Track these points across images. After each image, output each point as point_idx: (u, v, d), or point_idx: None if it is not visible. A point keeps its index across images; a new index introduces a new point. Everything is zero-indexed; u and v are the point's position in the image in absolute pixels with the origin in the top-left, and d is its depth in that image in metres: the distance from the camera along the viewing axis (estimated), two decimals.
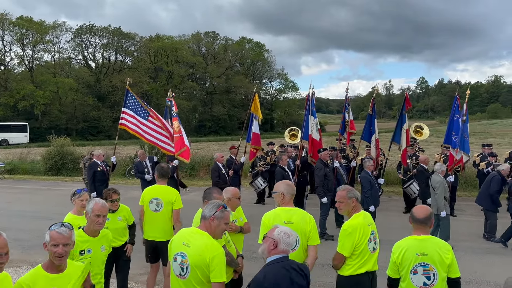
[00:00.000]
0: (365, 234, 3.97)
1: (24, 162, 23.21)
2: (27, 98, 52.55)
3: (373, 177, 8.96)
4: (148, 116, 10.17)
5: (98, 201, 4.03)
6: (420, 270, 3.53)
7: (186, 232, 3.47)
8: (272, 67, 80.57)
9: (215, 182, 10.21)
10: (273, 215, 4.09)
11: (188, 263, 3.27)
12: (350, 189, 4.14)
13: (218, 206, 3.43)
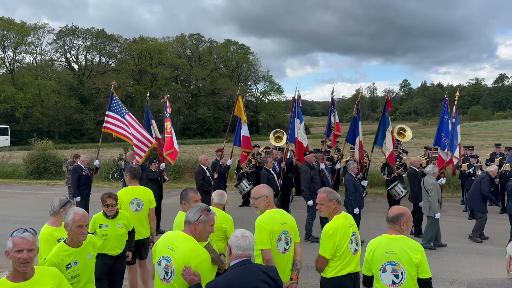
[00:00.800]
0: (346, 235, 3.99)
1: (5, 165, 22.78)
2: (8, 101, 51.67)
3: (357, 179, 9.01)
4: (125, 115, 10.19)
5: (77, 210, 3.79)
6: (389, 268, 3.56)
7: (171, 235, 3.40)
8: (257, 70, 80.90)
9: (199, 185, 10.14)
10: (269, 218, 4.03)
11: (173, 267, 3.21)
12: (330, 191, 4.17)
13: (202, 209, 3.37)
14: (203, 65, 73.13)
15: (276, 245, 3.98)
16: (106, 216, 5.16)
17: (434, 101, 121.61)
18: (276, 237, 3.98)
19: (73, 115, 57.08)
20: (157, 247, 3.39)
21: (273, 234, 3.96)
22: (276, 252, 3.97)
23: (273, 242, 3.96)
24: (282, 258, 3.99)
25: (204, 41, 78.25)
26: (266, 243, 3.91)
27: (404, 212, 3.69)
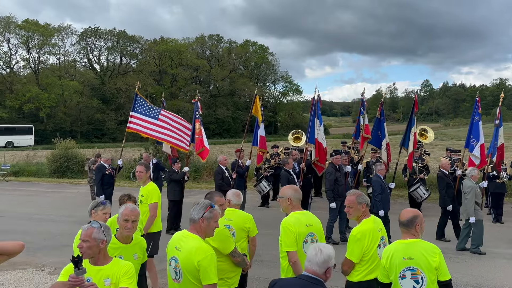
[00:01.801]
0: (375, 239, 3.95)
1: (30, 164, 23.32)
2: (33, 101, 52.81)
3: (384, 181, 8.92)
4: (158, 115, 10.47)
5: (128, 205, 3.96)
6: (408, 274, 3.49)
7: (179, 235, 3.47)
8: (276, 70, 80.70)
9: (218, 185, 10.21)
10: (295, 220, 4.01)
11: (180, 267, 3.30)
12: (360, 194, 4.12)
13: (206, 206, 3.41)
14: (222, 66, 73.43)
15: (303, 247, 3.95)
16: None
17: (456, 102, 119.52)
18: (302, 239, 3.96)
19: (94, 115, 57.95)
20: (168, 248, 3.47)
21: (299, 236, 3.94)
22: (303, 254, 3.92)
23: (299, 244, 3.94)
24: None
25: (223, 42, 78.57)
26: (291, 245, 3.91)
27: (418, 215, 3.63)
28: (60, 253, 8.05)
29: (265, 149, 11.69)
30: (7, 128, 46.21)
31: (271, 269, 7.17)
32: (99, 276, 3.16)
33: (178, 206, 10.04)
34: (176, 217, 9.93)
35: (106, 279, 3.16)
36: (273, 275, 4.83)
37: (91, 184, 14.20)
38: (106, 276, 3.17)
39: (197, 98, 10.95)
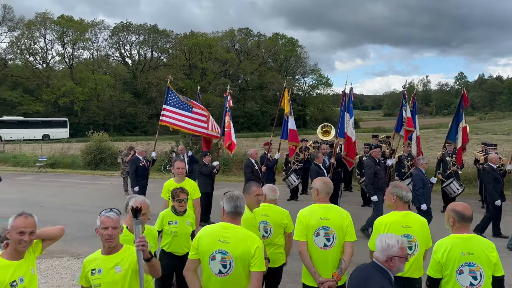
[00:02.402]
0: (393, 233, 3.84)
1: (65, 156, 24.03)
2: (67, 95, 54.40)
3: (426, 175, 8.74)
4: (191, 108, 10.61)
5: (138, 197, 3.98)
6: (466, 270, 3.41)
7: (217, 229, 3.42)
8: (305, 63, 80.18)
9: (248, 178, 10.26)
10: (309, 211, 4.07)
11: (231, 258, 3.27)
12: (396, 185, 4.12)
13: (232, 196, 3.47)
14: (252, 59, 73.47)
15: (313, 240, 3.96)
16: (176, 213, 5.00)
17: (493, 95, 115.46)
18: (313, 232, 3.96)
19: (127, 109, 59.13)
20: (203, 243, 3.36)
21: (309, 228, 3.96)
22: (314, 246, 3.95)
23: (309, 236, 3.96)
24: (321, 253, 3.94)
25: (252, 35, 78.55)
26: (299, 235, 4.00)
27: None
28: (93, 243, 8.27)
29: (297, 142, 11.67)
30: (44, 122, 47.84)
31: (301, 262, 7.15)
32: (110, 264, 3.22)
33: (209, 198, 10.16)
34: (206, 209, 10.05)
35: (117, 266, 3.21)
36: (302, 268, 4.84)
37: (123, 176, 14.54)
38: (116, 263, 3.22)
39: (228, 92, 11.01)
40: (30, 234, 3.08)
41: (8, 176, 19.23)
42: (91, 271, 3.21)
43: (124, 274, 3.18)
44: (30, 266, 3.19)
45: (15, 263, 3.10)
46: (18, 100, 52.64)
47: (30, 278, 3.16)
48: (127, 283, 3.18)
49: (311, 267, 3.91)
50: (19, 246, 3.08)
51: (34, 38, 59.03)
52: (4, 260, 3.09)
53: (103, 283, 3.16)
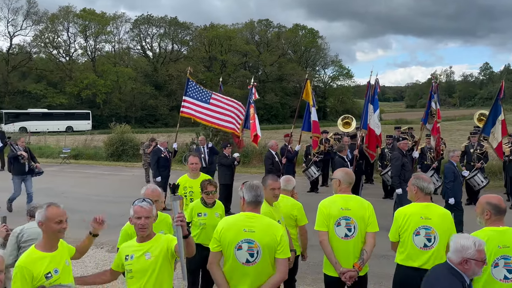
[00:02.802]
0: (412, 224, 3.89)
1: (88, 148, 24.46)
2: (90, 87, 55.24)
3: (457, 168, 8.56)
4: (209, 99, 10.63)
5: (149, 186, 4.10)
6: (502, 263, 3.36)
7: (240, 219, 3.44)
8: (326, 54, 79.40)
9: (268, 169, 10.28)
10: (330, 201, 4.09)
11: (258, 247, 3.30)
12: (418, 177, 4.09)
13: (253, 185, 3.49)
14: (271, 51, 73.15)
15: (334, 230, 3.97)
16: (205, 205, 5.02)
17: None
18: (334, 222, 3.97)
19: (148, 101, 59.70)
20: (227, 234, 3.37)
21: (330, 218, 3.97)
22: (335, 236, 3.97)
23: (330, 226, 3.98)
24: (343, 244, 3.95)
25: (272, 27, 78.13)
26: (320, 225, 4.03)
27: None
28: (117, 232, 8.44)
29: (319, 133, 11.61)
30: (67, 114, 48.78)
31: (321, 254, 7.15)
32: (141, 251, 3.29)
33: (229, 189, 10.23)
34: (227, 200, 10.13)
35: (147, 253, 3.28)
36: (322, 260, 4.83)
37: (145, 167, 14.74)
38: (146, 250, 3.29)
39: (252, 83, 11.00)
40: (66, 222, 3.24)
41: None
42: (125, 256, 3.33)
43: (154, 261, 3.24)
44: (64, 258, 3.29)
45: (49, 254, 3.17)
46: (42, 93, 53.73)
47: (65, 270, 3.25)
48: (157, 270, 3.24)
49: (332, 257, 3.93)
50: (59, 235, 3.22)
51: (57, 31, 60.06)
52: (38, 252, 3.15)
53: (134, 269, 3.26)
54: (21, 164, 10.51)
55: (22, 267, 3.03)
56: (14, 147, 10.75)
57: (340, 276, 3.88)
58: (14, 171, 10.63)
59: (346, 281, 3.86)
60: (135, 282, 3.26)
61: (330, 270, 4.01)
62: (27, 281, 3.00)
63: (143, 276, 3.23)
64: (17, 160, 10.49)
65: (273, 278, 3.34)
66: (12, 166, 10.65)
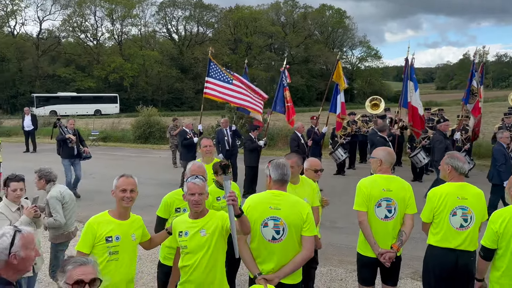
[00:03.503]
0: (448, 205, 3.79)
1: (116, 130, 24.90)
2: (117, 71, 55.98)
3: (507, 149, 8.19)
4: (232, 80, 10.61)
5: (195, 162, 4.24)
6: None
7: (266, 196, 3.48)
8: (354, 35, 77.77)
9: (294, 152, 10.18)
10: (371, 181, 4.00)
11: (284, 224, 3.33)
12: (452, 155, 3.96)
13: (279, 164, 3.50)
14: (297, 32, 72.16)
15: (374, 210, 3.92)
16: (221, 187, 4.81)
17: None
18: (375, 202, 3.91)
19: (174, 84, 60.10)
20: (254, 211, 3.40)
21: (370, 198, 3.91)
22: (375, 217, 3.92)
23: (371, 206, 3.92)
24: (382, 225, 3.91)
25: (298, 7, 76.84)
26: (360, 205, 3.94)
27: None
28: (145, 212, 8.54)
29: (345, 115, 11.46)
30: (95, 97, 49.71)
31: (348, 236, 7.12)
32: (195, 228, 3.37)
33: (255, 171, 10.24)
34: (252, 181, 10.17)
35: (202, 230, 3.36)
36: (350, 241, 4.78)
37: (172, 149, 14.90)
38: (201, 227, 3.37)
39: (284, 66, 10.89)
40: (131, 192, 3.41)
41: None
42: (178, 233, 3.43)
43: (209, 238, 3.34)
44: (131, 232, 3.44)
45: (116, 221, 3.39)
46: (71, 77, 54.80)
47: (128, 242, 3.40)
48: (212, 246, 3.33)
49: (370, 238, 3.88)
50: (122, 203, 3.39)
51: (84, 15, 60.80)
52: (108, 216, 3.42)
53: (189, 245, 3.36)
54: (69, 147, 10.16)
55: (90, 224, 3.33)
56: (63, 130, 10.29)
57: (379, 257, 3.85)
58: (63, 154, 10.30)
59: (385, 262, 3.82)
60: (190, 258, 3.36)
61: (365, 250, 3.99)
62: (90, 238, 3.27)
63: (198, 252, 3.34)
64: (65, 143, 10.13)
65: (300, 255, 3.37)
66: (61, 149, 10.28)
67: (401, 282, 5.58)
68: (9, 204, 4.24)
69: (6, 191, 4.26)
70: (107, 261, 3.29)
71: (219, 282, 3.42)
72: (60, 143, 10.24)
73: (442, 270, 3.80)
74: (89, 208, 9.33)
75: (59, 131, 10.39)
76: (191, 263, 3.35)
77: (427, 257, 3.95)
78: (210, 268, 3.35)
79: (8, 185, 4.22)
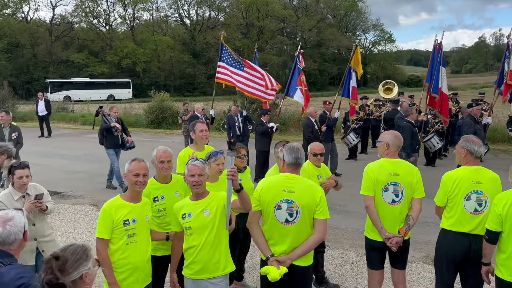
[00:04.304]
0: (463, 189, 3.76)
1: (129, 116, 25.06)
2: (130, 56, 56.09)
3: None
4: (243, 67, 10.57)
5: (161, 147, 4.12)
6: None
7: (280, 179, 3.51)
8: (367, 18, 76.53)
9: (307, 137, 10.16)
10: (378, 166, 3.98)
11: (298, 207, 3.37)
12: (467, 139, 3.91)
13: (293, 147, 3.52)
14: (310, 16, 71.23)
15: (382, 195, 3.91)
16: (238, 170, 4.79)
17: None
18: (382, 187, 3.89)
19: (186, 70, 60.04)
20: (267, 194, 3.44)
21: (377, 183, 3.89)
22: (382, 202, 3.91)
23: (378, 191, 3.91)
24: (389, 209, 3.90)
25: None
26: (367, 189, 3.93)
27: None
28: None
29: (357, 100, 11.38)
30: (108, 83, 50.00)
31: (358, 220, 7.15)
32: (198, 209, 3.46)
33: (266, 156, 10.28)
34: (263, 166, 10.22)
35: (205, 210, 3.45)
36: (361, 225, 4.80)
37: (185, 134, 14.97)
38: (204, 207, 3.47)
39: (298, 50, 10.82)
40: (144, 176, 3.44)
41: (78, 134, 20.50)
42: (181, 215, 3.50)
43: (213, 218, 3.43)
44: (145, 213, 3.51)
45: (130, 204, 3.44)
46: (84, 62, 55.09)
47: (143, 223, 3.47)
48: (216, 225, 3.43)
49: (378, 223, 3.88)
50: (135, 187, 3.43)
51: (97, 0, 60.79)
52: (121, 200, 3.46)
53: (193, 226, 3.45)
54: (114, 136, 9.49)
55: (106, 210, 3.36)
56: (107, 118, 9.62)
57: (386, 241, 3.85)
58: (107, 143, 9.62)
59: (392, 246, 3.83)
60: (195, 238, 3.45)
61: (373, 234, 3.99)
62: (109, 223, 3.32)
63: (203, 232, 3.42)
64: (110, 132, 9.43)
65: (312, 237, 3.42)
66: (105, 138, 9.59)
67: (412, 266, 5.61)
68: (13, 192, 4.14)
69: (12, 179, 4.16)
70: (126, 244, 3.36)
71: (224, 260, 3.51)
72: (103, 132, 9.63)
73: (454, 254, 3.79)
74: (103, 192, 9.51)
75: (102, 120, 9.77)
76: (196, 243, 3.44)
77: (439, 241, 3.94)
78: (215, 247, 3.44)
79: (13, 173, 4.11)
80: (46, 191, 4.39)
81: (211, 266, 3.45)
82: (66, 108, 29.76)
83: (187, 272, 3.52)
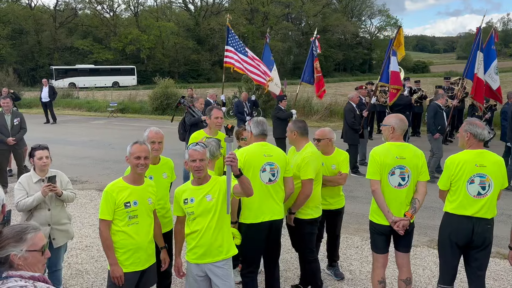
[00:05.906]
0: (466, 172, 3.73)
1: (134, 102, 25.08)
2: (134, 43, 55.85)
3: None
4: (247, 53, 10.55)
5: (152, 128, 4.17)
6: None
7: (258, 147, 4.09)
8: (373, 3, 75.62)
9: (350, 123, 9.57)
10: (383, 150, 3.96)
11: (278, 167, 4.07)
12: (471, 122, 3.87)
13: (259, 121, 4.22)
14: (315, 1, 70.34)
15: (388, 179, 3.90)
16: None
17: None
18: (388, 171, 3.89)
19: (190, 56, 59.73)
20: (251, 160, 3.99)
21: (384, 167, 3.89)
22: (388, 185, 3.91)
23: (384, 174, 3.90)
24: (395, 192, 3.90)
25: None
26: (373, 173, 3.92)
27: None
28: None
29: (400, 85, 10.82)
30: (113, 69, 49.92)
31: (364, 205, 7.19)
32: (201, 194, 3.48)
33: (283, 143, 10.17)
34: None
35: (207, 195, 3.47)
36: (366, 210, 4.80)
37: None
38: (206, 192, 3.48)
39: (315, 36, 10.71)
40: (145, 159, 3.47)
41: (83, 120, 20.54)
42: (183, 200, 3.52)
43: (215, 202, 3.46)
44: (147, 196, 3.55)
45: (132, 187, 3.49)
46: (88, 49, 54.93)
47: (144, 206, 3.52)
48: (218, 209, 3.46)
49: (384, 206, 3.88)
50: (137, 170, 3.47)
51: None
52: (123, 182, 3.52)
53: (196, 211, 3.48)
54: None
55: (108, 192, 3.43)
56: (194, 111, 8.47)
57: (392, 225, 3.86)
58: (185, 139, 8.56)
59: (399, 230, 3.84)
60: (198, 223, 3.48)
61: (378, 218, 3.99)
62: (111, 205, 3.40)
63: (206, 216, 3.46)
64: (196, 127, 7.65)
65: (285, 194, 4.18)
66: (188, 133, 8.07)
67: (417, 250, 5.63)
68: (33, 175, 4.20)
69: (32, 162, 4.24)
70: (128, 225, 3.43)
71: (227, 244, 3.56)
72: (184, 127, 8.58)
73: (458, 237, 3.79)
74: (108, 177, 9.55)
75: (189, 113, 8.52)
76: (199, 227, 3.47)
77: (443, 224, 3.94)
78: (218, 231, 3.48)
79: (33, 155, 4.19)
80: (68, 179, 4.41)
81: (214, 250, 3.49)
82: (71, 94, 29.83)
83: (190, 257, 3.54)
